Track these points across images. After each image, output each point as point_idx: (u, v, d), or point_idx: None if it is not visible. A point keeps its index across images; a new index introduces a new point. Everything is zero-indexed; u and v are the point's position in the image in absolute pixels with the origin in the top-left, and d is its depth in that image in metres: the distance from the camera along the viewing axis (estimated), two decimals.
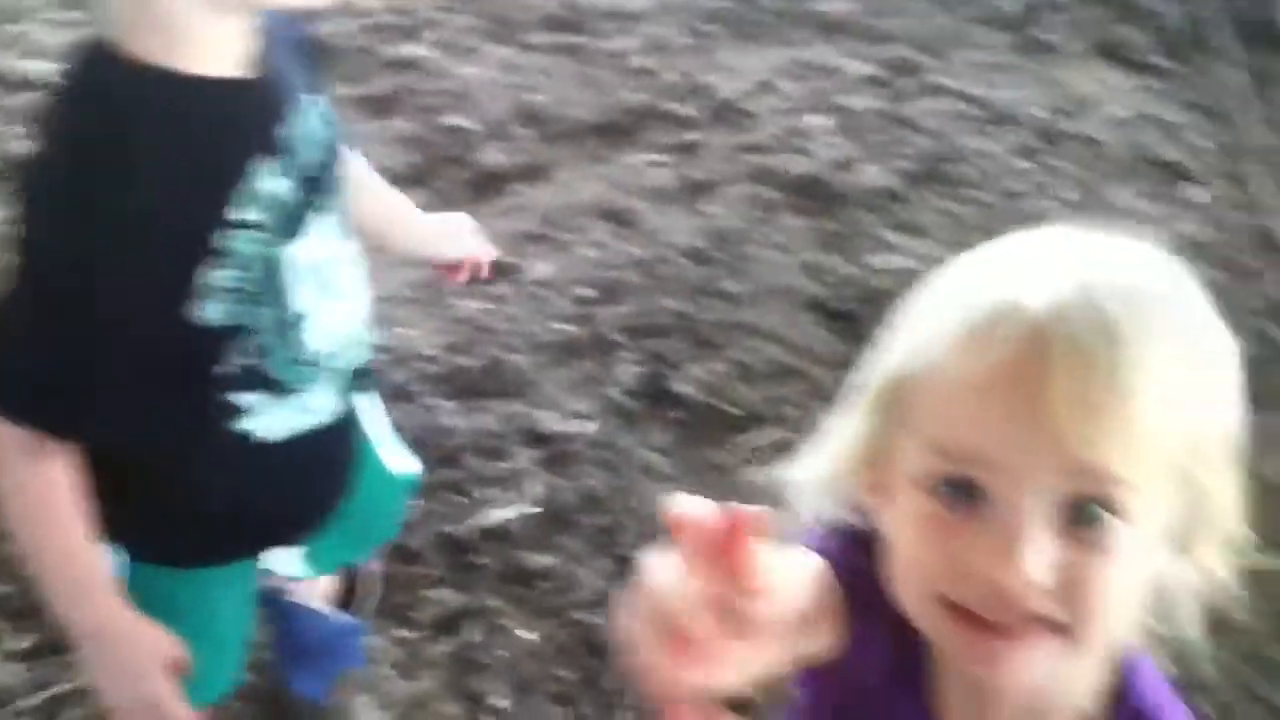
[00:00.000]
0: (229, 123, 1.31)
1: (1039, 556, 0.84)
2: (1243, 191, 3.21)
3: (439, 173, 3.17)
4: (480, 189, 3.15)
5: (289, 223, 1.36)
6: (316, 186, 1.40)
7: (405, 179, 3.15)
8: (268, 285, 1.36)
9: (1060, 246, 0.91)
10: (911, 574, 0.91)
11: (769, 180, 3.16)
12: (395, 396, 2.56)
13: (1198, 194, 3.19)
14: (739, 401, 2.66)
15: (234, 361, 1.37)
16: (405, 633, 2.20)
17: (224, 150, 1.31)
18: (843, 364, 2.75)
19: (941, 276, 0.94)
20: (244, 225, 1.31)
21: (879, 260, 2.95)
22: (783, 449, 2.85)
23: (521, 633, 2.23)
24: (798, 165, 3.18)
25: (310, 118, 1.39)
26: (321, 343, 1.44)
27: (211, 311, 1.32)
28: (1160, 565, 0.91)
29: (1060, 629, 0.86)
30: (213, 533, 1.51)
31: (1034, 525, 0.84)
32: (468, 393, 2.62)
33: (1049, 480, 0.84)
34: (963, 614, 0.87)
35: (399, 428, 2.48)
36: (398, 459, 1.85)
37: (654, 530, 2.40)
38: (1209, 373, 0.88)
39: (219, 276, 1.31)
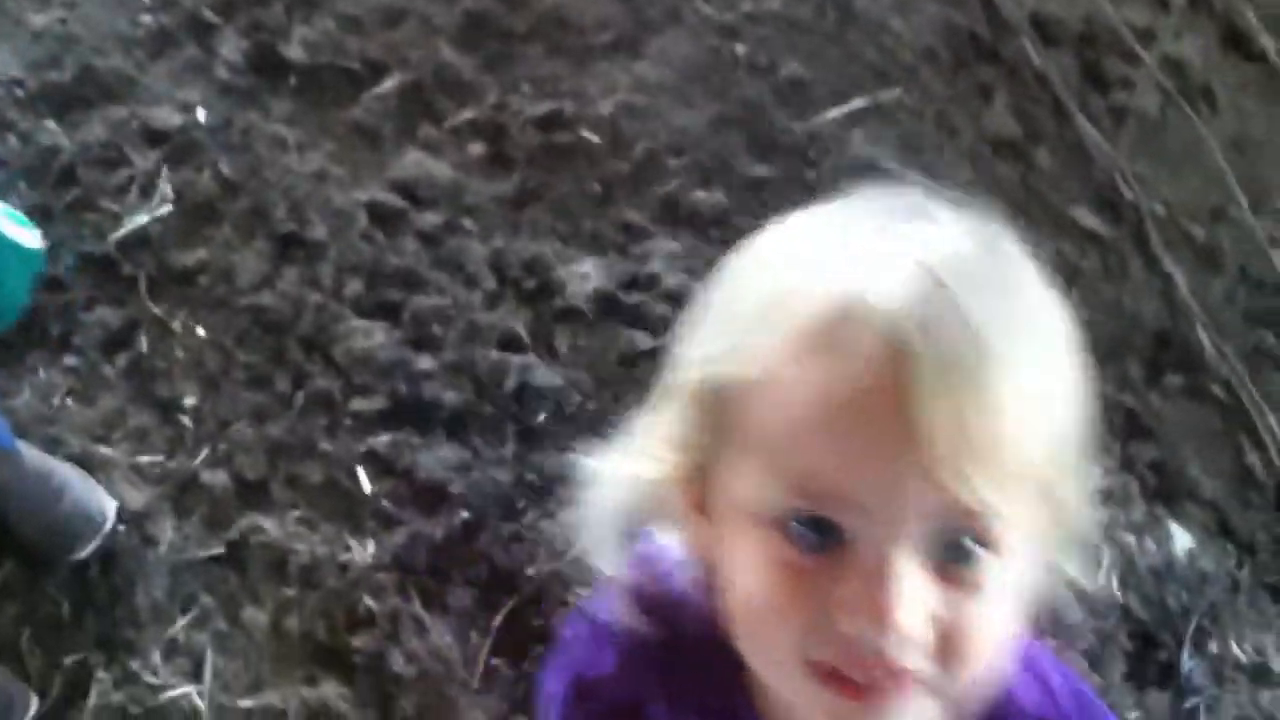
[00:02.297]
0: None
1: (914, 610, 0.72)
2: None
3: None
4: None
5: None
6: None
7: None
8: None
9: (877, 218, 0.76)
10: (762, 629, 0.77)
11: None
12: None
13: None
14: (355, 54, 2.58)
15: None
16: (73, 360, 2.12)
17: None
18: None
19: (749, 254, 0.79)
20: None
21: None
22: (411, 92, 2.78)
23: (194, 330, 2.18)
24: None
25: None
26: None
27: None
28: (1027, 582, 0.80)
29: (934, 677, 0.74)
30: None
31: (904, 573, 0.71)
32: (68, 106, 2.44)
33: (918, 520, 0.71)
34: (825, 672, 0.74)
35: (4, 160, 2.33)
36: (21, 233, 1.75)
37: (300, 201, 2.35)
38: (1059, 365, 0.76)
39: None
